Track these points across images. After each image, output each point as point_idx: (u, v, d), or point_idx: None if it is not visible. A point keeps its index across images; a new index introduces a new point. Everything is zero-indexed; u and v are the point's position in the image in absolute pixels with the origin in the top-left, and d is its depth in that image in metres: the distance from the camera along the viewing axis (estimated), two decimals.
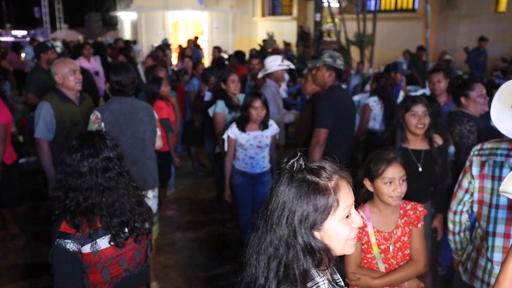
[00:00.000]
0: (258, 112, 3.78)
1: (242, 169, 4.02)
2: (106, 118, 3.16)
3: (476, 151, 2.28)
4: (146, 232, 2.11)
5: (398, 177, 2.18)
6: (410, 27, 15.57)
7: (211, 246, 4.58)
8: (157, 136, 3.52)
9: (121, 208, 2.00)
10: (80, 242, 1.91)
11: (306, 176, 1.21)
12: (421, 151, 3.02)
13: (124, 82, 3.23)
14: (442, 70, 4.18)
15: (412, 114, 2.95)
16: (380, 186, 2.20)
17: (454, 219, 2.44)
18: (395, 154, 2.22)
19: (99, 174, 1.96)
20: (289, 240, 1.19)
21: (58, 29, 28.33)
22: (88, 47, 7.55)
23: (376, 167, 2.20)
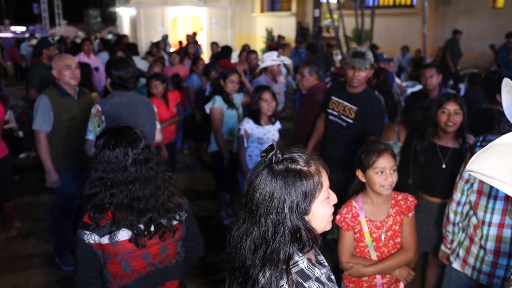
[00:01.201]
0: (269, 104, 3.85)
1: None
2: (107, 111, 3.23)
3: (479, 143, 2.32)
4: (173, 229, 2.04)
5: (389, 167, 2.25)
6: (408, 23, 15.62)
7: (208, 239, 4.61)
8: (157, 130, 3.59)
9: (155, 202, 1.96)
10: (99, 233, 1.89)
11: (288, 165, 1.27)
12: (449, 149, 3.02)
13: (125, 77, 3.30)
14: (434, 66, 4.25)
15: (443, 111, 2.93)
16: (371, 176, 2.27)
17: (456, 210, 2.50)
18: (385, 145, 2.30)
19: (142, 165, 1.94)
20: (277, 228, 1.25)
21: (57, 25, 28.33)
22: (88, 43, 7.60)
23: (368, 158, 2.27)
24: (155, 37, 18.73)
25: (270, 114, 3.91)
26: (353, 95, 3.55)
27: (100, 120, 3.21)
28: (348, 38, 14.27)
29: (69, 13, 31.11)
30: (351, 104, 3.54)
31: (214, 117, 4.54)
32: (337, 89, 3.70)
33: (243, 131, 3.93)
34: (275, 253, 1.24)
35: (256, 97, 3.89)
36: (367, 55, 3.37)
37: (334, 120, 3.66)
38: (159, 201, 1.97)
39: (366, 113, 3.47)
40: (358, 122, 3.50)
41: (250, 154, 3.98)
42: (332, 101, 3.69)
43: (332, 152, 3.70)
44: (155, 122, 3.53)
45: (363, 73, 3.39)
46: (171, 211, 2.02)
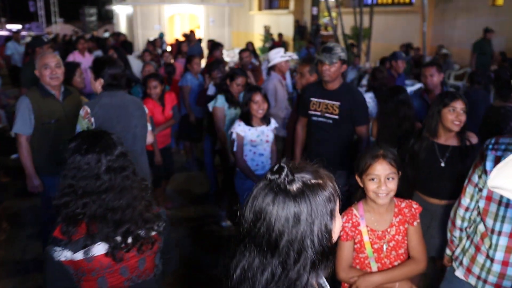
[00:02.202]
0: (260, 106, 3.69)
1: (253, 171, 3.81)
2: (96, 112, 3.09)
3: (490, 145, 2.18)
4: (152, 241, 1.91)
5: (384, 174, 2.12)
6: (407, 21, 15.48)
7: (204, 243, 4.53)
8: (148, 131, 3.46)
9: (132, 213, 1.82)
10: (72, 248, 1.73)
11: (304, 182, 1.13)
12: (448, 147, 2.97)
13: (120, 75, 3.18)
14: (435, 64, 4.13)
15: (450, 110, 2.88)
16: (366, 183, 2.16)
17: (464, 216, 2.36)
18: (385, 151, 2.16)
19: (117, 173, 1.80)
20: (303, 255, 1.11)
21: (53, 23, 28.13)
22: (83, 41, 7.46)
23: (362, 162, 2.16)
24: (152, 35, 18.56)
25: (260, 116, 3.74)
26: (332, 91, 3.61)
27: (89, 123, 3.07)
28: (347, 36, 14.14)
29: (65, 11, 30.89)
30: (333, 101, 3.59)
31: (216, 116, 4.49)
32: (314, 90, 3.74)
33: (235, 134, 3.77)
34: (298, 281, 1.11)
35: (246, 98, 3.74)
36: (335, 49, 3.44)
37: (318, 120, 3.68)
38: (136, 212, 1.84)
39: (350, 106, 3.53)
40: (344, 116, 3.55)
41: (246, 157, 3.83)
42: (312, 102, 3.71)
43: (320, 151, 3.69)
44: (146, 123, 3.39)
45: (331, 67, 3.44)
46: (149, 221, 1.89)
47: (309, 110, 3.72)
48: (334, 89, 3.60)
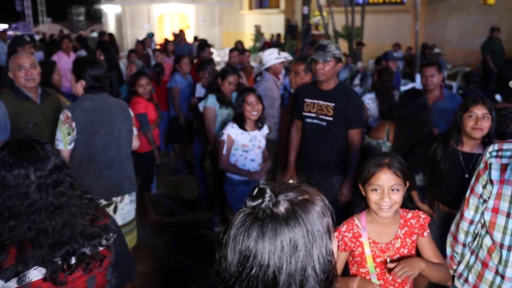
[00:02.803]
0: (253, 107, 3.49)
1: (244, 178, 3.61)
2: (78, 117, 2.90)
3: (494, 152, 2.01)
4: (100, 257, 1.70)
5: (388, 185, 1.94)
6: (399, 20, 15.40)
7: (194, 250, 4.34)
8: (134, 136, 3.27)
9: (71, 232, 1.60)
10: (3, 277, 1.51)
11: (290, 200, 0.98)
12: (474, 155, 2.78)
13: (103, 76, 2.99)
14: (435, 64, 3.98)
15: (469, 115, 2.70)
16: (368, 192, 1.99)
17: (468, 230, 2.17)
18: (391, 159, 1.98)
19: (49, 190, 1.56)
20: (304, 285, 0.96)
21: (40, 23, 27.70)
22: (67, 41, 7.21)
23: (366, 171, 1.99)
24: (141, 34, 18.29)
25: (254, 118, 3.55)
26: (326, 92, 3.44)
27: (70, 128, 2.88)
28: (338, 35, 14.02)
29: (53, 11, 30.44)
30: (327, 102, 3.42)
31: (206, 117, 4.32)
32: (309, 90, 3.57)
33: (226, 136, 3.53)
34: None
35: (240, 100, 3.53)
36: (329, 47, 3.29)
37: (313, 122, 3.51)
38: (76, 230, 1.62)
39: (344, 107, 3.36)
40: (338, 118, 3.39)
41: (234, 163, 3.63)
42: (307, 104, 3.54)
43: (315, 155, 3.53)
44: (131, 127, 3.21)
45: (325, 66, 3.28)
46: (95, 236, 1.68)
47: (303, 112, 3.55)
48: (329, 89, 3.42)
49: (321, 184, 3.52)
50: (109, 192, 3.06)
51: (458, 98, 3.99)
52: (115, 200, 3.10)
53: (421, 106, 3.40)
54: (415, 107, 3.38)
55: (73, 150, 2.94)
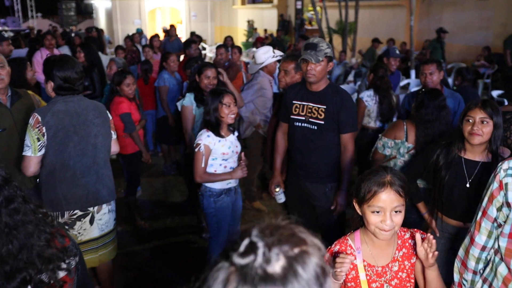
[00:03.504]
0: (231, 110, 3.19)
1: (226, 186, 3.32)
2: (49, 121, 2.66)
3: (510, 170, 1.78)
4: (60, 284, 1.53)
5: (390, 207, 1.71)
6: (393, 15, 15.21)
7: (180, 258, 4.12)
8: (113, 140, 3.04)
9: (28, 256, 1.41)
10: None
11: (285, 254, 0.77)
12: (478, 163, 2.56)
13: (73, 78, 2.74)
14: (435, 61, 3.77)
15: (467, 119, 2.49)
16: (367, 214, 1.75)
17: (480, 256, 1.94)
18: (392, 177, 1.74)
19: (1, 209, 1.37)
20: None
21: (30, 18, 27.23)
22: (50, 37, 6.94)
23: (365, 190, 1.74)
24: (132, 30, 17.96)
25: (231, 122, 3.26)
26: (317, 93, 3.18)
27: (40, 133, 2.64)
28: (332, 30, 13.80)
29: (42, 6, 29.97)
30: (318, 104, 3.16)
31: (183, 116, 4.08)
32: (297, 91, 3.29)
33: (203, 147, 3.18)
34: None
35: (215, 102, 3.18)
36: (320, 46, 3.02)
37: (302, 125, 3.24)
38: (33, 253, 1.42)
39: (337, 109, 3.11)
40: (330, 121, 3.14)
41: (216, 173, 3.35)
42: (295, 106, 3.27)
43: (306, 162, 3.27)
44: (109, 131, 2.97)
45: (316, 66, 3.02)
46: (53, 260, 1.47)
47: (291, 115, 3.29)
48: (319, 90, 3.16)
49: (313, 193, 3.31)
50: (85, 201, 2.83)
51: (459, 97, 3.80)
52: (92, 210, 2.87)
53: (442, 106, 3.21)
54: (437, 108, 3.18)
55: (44, 157, 2.71)
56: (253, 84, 4.74)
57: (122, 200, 5.07)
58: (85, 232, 2.87)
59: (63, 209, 2.77)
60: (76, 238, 2.84)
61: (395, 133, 3.38)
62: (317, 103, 3.16)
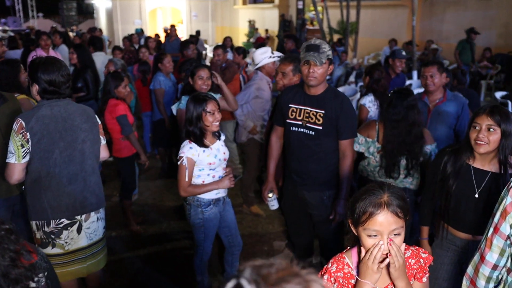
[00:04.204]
0: (215, 117, 3.03)
1: (215, 196, 3.17)
2: (33, 127, 2.55)
3: None
4: None
5: (387, 231, 1.57)
6: (395, 15, 15.08)
7: (175, 265, 4.02)
8: (102, 146, 2.93)
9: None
10: None
11: None
12: (488, 173, 2.41)
13: (58, 81, 2.63)
14: (436, 63, 3.65)
15: (474, 126, 2.35)
16: (363, 237, 1.61)
17: (491, 276, 1.82)
18: (390, 195, 1.59)
19: None
20: None
21: (31, 18, 27.19)
22: (45, 37, 6.85)
23: (360, 211, 1.59)
24: (133, 30, 17.92)
25: (216, 130, 3.12)
26: (315, 97, 3.04)
27: (24, 139, 2.53)
28: (333, 30, 13.68)
29: (43, 5, 29.92)
30: (316, 108, 3.02)
31: (180, 120, 3.96)
32: (294, 94, 3.15)
33: (186, 160, 3.01)
34: None
35: (198, 110, 2.99)
36: (322, 47, 2.90)
37: (299, 131, 3.10)
38: None
39: (336, 114, 2.98)
40: (328, 127, 3.01)
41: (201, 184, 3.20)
42: (292, 109, 3.13)
43: (302, 169, 3.15)
44: (98, 136, 2.86)
45: (319, 69, 2.89)
46: (20, 280, 1.37)
47: (287, 119, 3.16)
48: (317, 94, 3.03)
49: (310, 201, 3.20)
50: (72, 210, 2.71)
51: (463, 101, 3.67)
52: (79, 218, 2.76)
53: (411, 106, 3.14)
54: (405, 108, 3.12)
55: (28, 164, 2.60)
56: (250, 85, 4.64)
57: (117, 204, 4.98)
58: (72, 242, 2.76)
59: (49, 218, 2.67)
60: (63, 248, 2.74)
61: (368, 131, 3.36)
62: (315, 108, 3.03)
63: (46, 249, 2.72)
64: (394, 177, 3.29)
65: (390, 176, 3.28)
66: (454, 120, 3.61)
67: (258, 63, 4.59)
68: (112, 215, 4.71)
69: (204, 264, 3.39)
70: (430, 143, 3.30)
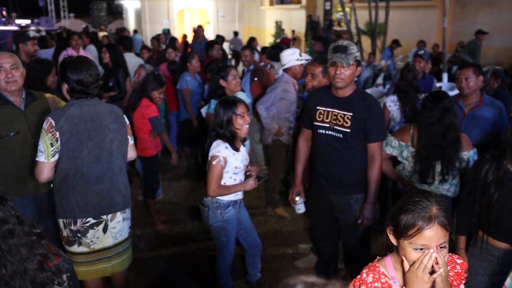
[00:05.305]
0: (245, 120, 3.02)
1: (233, 198, 3.16)
2: (63, 126, 2.57)
3: None
4: None
5: (435, 245, 1.51)
6: (425, 16, 14.77)
7: (197, 266, 4.00)
8: (130, 146, 2.93)
9: (21, 283, 1.30)
10: None
11: None
12: None
13: (87, 81, 2.64)
14: (472, 65, 3.53)
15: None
16: (407, 250, 1.55)
17: None
18: (439, 208, 1.52)
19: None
20: None
21: (62, 18, 27.81)
22: (76, 37, 6.96)
23: (406, 224, 1.53)
24: (161, 30, 18.11)
25: (245, 134, 3.10)
26: (343, 99, 2.98)
27: (53, 138, 2.55)
28: (361, 31, 13.51)
29: (75, 6, 30.57)
30: (344, 111, 2.96)
31: (210, 123, 3.96)
32: (322, 96, 3.09)
33: (223, 159, 2.98)
34: None
35: (228, 113, 2.99)
36: (350, 49, 2.83)
37: (327, 133, 3.05)
38: (27, 278, 1.32)
39: (364, 117, 2.92)
40: (356, 129, 2.94)
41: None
42: (319, 112, 3.08)
43: (330, 172, 3.08)
44: (126, 136, 2.86)
45: (346, 71, 2.82)
46: (46, 283, 1.38)
47: (315, 121, 3.11)
48: (345, 96, 2.97)
49: (338, 204, 3.13)
50: (98, 209, 2.73)
51: (500, 106, 3.53)
52: (105, 218, 2.77)
53: (447, 109, 3.04)
54: (440, 110, 3.02)
55: (57, 163, 2.62)
56: (276, 86, 4.59)
57: (142, 203, 5.01)
58: (98, 241, 2.77)
59: (76, 217, 2.68)
60: (89, 247, 2.76)
61: (402, 135, 3.29)
62: (343, 110, 2.97)
63: (73, 247, 2.74)
64: (428, 182, 3.18)
65: (425, 181, 3.17)
66: (490, 125, 3.48)
67: (285, 64, 4.54)
68: (137, 213, 4.73)
69: (228, 267, 3.37)
70: (468, 149, 3.15)
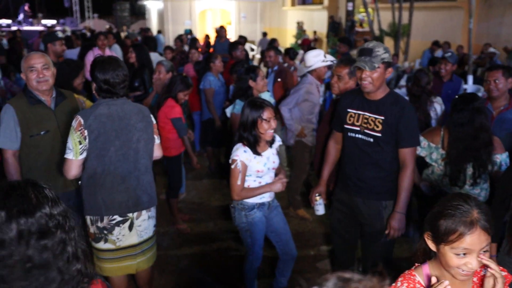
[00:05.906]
0: (271, 125, 2.97)
1: (259, 200, 3.12)
2: (91, 124, 2.62)
3: None
4: None
5: (478, 249, 1.48)
6: (450, 17, 14.54)
7: (220, 265, 4.02)
8: (156, 145, 2.96)
9: None
10: None
11: None
12: None
13: (113, 81, 2.68)
14: (501, 67, 3.47)
15: None
16: (447, 255, 1.51)
17: None
18: (480, 212, 1.48)
19: (31, 241, 1.20)
20: None
21: (87, 18, 28.27)
22: (102, 37, 7.06)
23: (447, 229, 1.49)
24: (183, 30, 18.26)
25: (270, 138, 3.06)
26: (374, 102, 2.88)
27: (81, 136, 2.61)
28: (384, 33, 13.37)
29: (99, 6, 31.04)
30: (375, 114, 2.87)
31: (234, 124, 4.01)
32: (353, 99, 3.01)
33: (240, 163, 2.96)
34: None
35: (254, 116, 2.94)
36: (376, 51, 2.73)
37: (357, 137, 2.96)
38: None
39: (396, 121, 2.81)
40: (388, 134, 2.84)
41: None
42: (350, 114, 3.00)
43: (359, 176, 3.00)
44: (152, 136, 2.90)
45: (372, 74, 2.73)
46: None
47: (345, 124, 3.04)
48: (377, 99, 2.87)
49: (364, 210, 3.04)
50: (125, 207, 2.77)
51: None
52: (131, 216, 2.81)
53: (478, 110, 2.98)
54: (471, 111, 2.96)
55: (85, 161, 2.68)
56: (300, 88, 4.57)
57: (164, 202, 5.06)
58: (124, 238, 2.81)
59: (102, 214, 2.73)
60: (114, 244, 2.80)
61: (432, 136, 3.24)
62: (374, 113, 2.88)
63: (99, 243, 2.79)
64: (459, 185, 3.11)
65: (455, 184, 3.11)
66: None
67: (310, 66, 4.51)
68: (160, 212, 4.77)
69: (254, 270, 3.35)
70: (501, 151, 3.07)
